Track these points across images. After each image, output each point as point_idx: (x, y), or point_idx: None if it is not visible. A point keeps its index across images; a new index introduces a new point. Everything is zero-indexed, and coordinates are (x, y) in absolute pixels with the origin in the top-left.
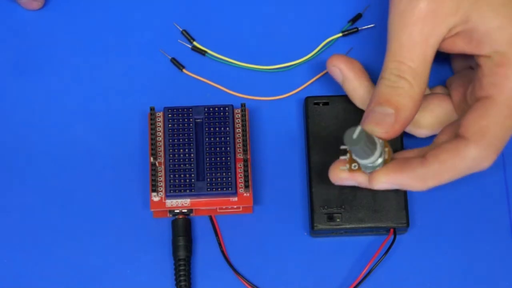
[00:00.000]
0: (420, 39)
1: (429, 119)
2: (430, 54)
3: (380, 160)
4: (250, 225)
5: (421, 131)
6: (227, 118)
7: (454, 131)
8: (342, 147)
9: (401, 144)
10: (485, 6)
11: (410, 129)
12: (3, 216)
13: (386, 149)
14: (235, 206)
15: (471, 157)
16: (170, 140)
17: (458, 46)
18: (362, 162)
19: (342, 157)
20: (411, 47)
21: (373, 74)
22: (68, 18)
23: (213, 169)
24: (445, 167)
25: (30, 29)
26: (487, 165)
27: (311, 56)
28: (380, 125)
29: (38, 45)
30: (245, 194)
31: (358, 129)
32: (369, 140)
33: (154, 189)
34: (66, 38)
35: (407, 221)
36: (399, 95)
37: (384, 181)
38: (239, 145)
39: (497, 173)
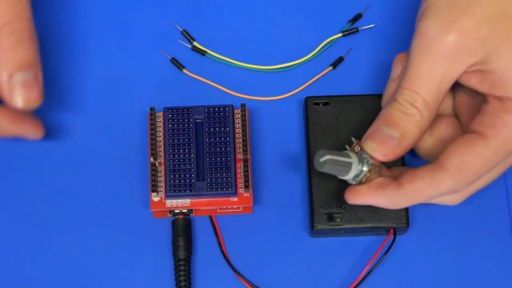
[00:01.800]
0: (439, 74)
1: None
2: (445, 89)
3: (358, 178)
4: (250, 225)
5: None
6: (227, 118)
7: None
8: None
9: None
10: (507, 51)
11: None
12: (3, 216)
13: (371, 168)
14: (235, 206)
15: (445, 188)
16: (170, 140)
17: (472, 82)
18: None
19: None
20: (429, 80)
21: (374, 73)
22: (68, 18)
23: (213, 169)
24: (419, 195)
25: None
26: (457, 200)
27: (311, 56)
28: (383, 146)
29: (39, 44)
30: (245, 194)
31: (326, 157)
32: (337, 164)
33: (154, 189)
34: (66, 37)
35: (407, 221)
36: (409, 122)
37: (357, 201)
38: (239, 145)
39: None
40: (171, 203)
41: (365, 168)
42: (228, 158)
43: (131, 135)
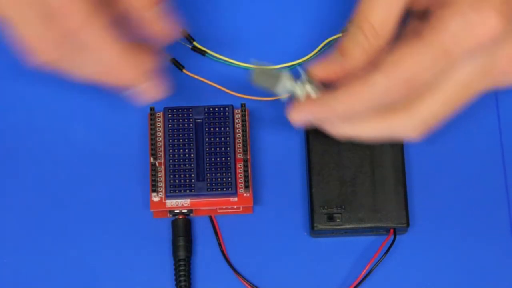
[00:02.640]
0: (386, 0)
1: None
2: (394, 14)
3: (300, 92)
4: (250, 225)
5: None
6: (227, 118)
7: None
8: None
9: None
10: None
11: None
12: (3, 216)
13: (306, 85)
14: (235, 206)
15: (378, 85)
16: (170, 140)
17: (422, 2)
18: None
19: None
20: (376, 6)
21: None
22: None
23: (213, 169)
24: (352, 94)
25: None
26: (399, 97)
27: (311, 56)
28: (324, 64)
29: None
30: (245, 194)
31: (256, 67)
32: (266, 74)
33: (154, 189)
34: None
35: (407, 221)
36: (355, 47)
37: (296, 115)
38: (239, 145)
39: (497, 173)
40: (171, 203)
41: (302, 85)
42: (228, 158)
43: (131, 135)
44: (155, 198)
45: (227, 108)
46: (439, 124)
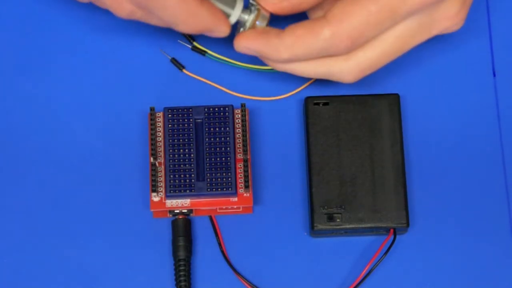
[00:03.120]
0: None
1: None
2: None
3: (247, 25)
4: (250, 225)
5: None
6: (227, 118)
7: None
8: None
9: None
10: None
11: None
12: (3, 216)
13: (257, 13)
14: (235, 206)
15: (323, 38)
16: (170, 140)
17: None
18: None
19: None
20: None
21: (374, 73)
22: (68, 17)
23: (213, 169)
24: (298, 42)
25: (31, 29)
26: (341, 50)
27: None
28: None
29: (39, 45)
30: (245, 194)
31: None
32: None
33: (154, 189)
34: (66, 37)
35: (407, 221)
36: None
37: (242, 45)
38: (239, 145)
39: (497, 172)
40: (171, 203)
41: (252, 15)
42: (228, 158)
43: (131, 135)
44: (155, 198)
45: (227, 108)
46: (374, 70)
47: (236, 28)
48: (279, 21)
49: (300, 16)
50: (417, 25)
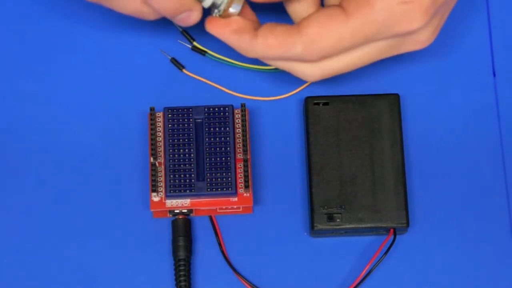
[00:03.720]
0: None
1: None
2: None
3: (220, 8)
4: (250, 225)
5: None
6: (227, 118)
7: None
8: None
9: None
10: None
11: None
12: (3, 216)
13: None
14: (235, 206)
15: (295, 52)
16: (170, 140)
17: None
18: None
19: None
20: None
21: (374, 73)
22: (68, 17)
23: (213, 169)
24: (269, 50)
25: (30, 29)
26: (310, 62)
27: None
28: None
29: (39, 45)
30: (245, 194)
31: None
32: None
33: (154, 189)
34: (66, 37)
35: (407, 221)
36: None
37: (212, 31)
38: (239, 145)
39: (497, 172)
40: (171, 203)
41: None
42: (228, 158)
43: (131, 135)
44: (155, 198)
45: (227, 108)
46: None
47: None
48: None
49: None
50: (388, 45)
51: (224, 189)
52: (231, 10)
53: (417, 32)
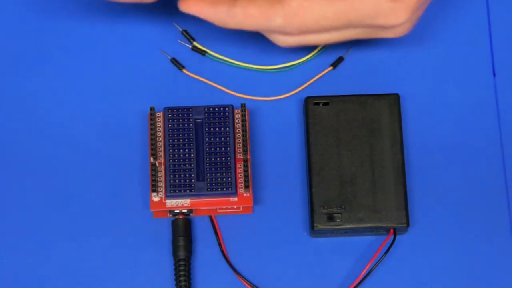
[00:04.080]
0: None
1: None
2: None
3: None
4: (250, 225)
5: None
6: (227, 118)
7: None
8: None
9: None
10: None
11: None
12: (3, 216)
13: None
14: (235, 206)
15: (274, 24)
16: (170, 140)
17: None
18: None
19: None
20: None
21: (374, 73)
22: (68, 17)
23: (213, 169)
24: (249, 20)
25: (30, 29)
26: (288, 34)
27: (311, 56)
28: None
29: (39, 45)
30: (245, 194)
31: None
32: None
33: (154, 189)
34: (66, 37)
35: (407, 221)
36: None
37: (189, 8)
38: (239, 145)
39: (497, 172)
40: (171, 203)
41: None
42: (228, 158)
43: (131, 135)
44: (155, 198)
45: (227, 108)
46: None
47: None
48: None
49: None
50: (365, 31)
51: (224, 189)
52: None
53: (398, 26)
